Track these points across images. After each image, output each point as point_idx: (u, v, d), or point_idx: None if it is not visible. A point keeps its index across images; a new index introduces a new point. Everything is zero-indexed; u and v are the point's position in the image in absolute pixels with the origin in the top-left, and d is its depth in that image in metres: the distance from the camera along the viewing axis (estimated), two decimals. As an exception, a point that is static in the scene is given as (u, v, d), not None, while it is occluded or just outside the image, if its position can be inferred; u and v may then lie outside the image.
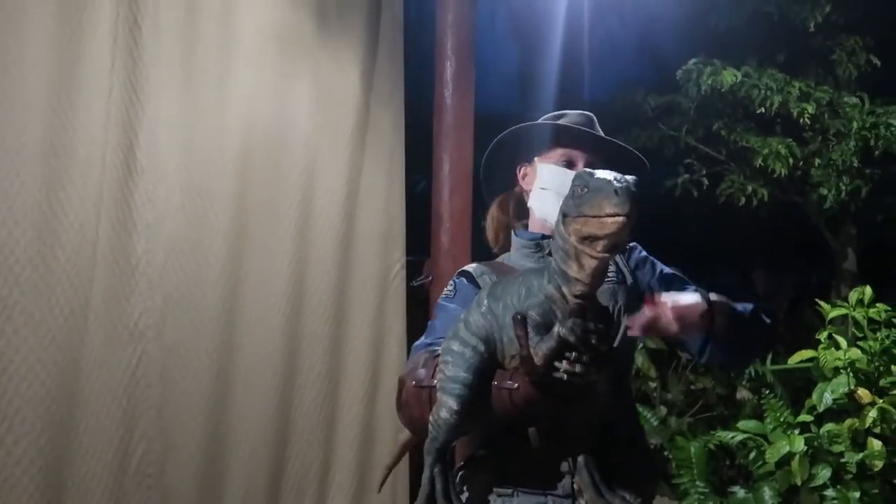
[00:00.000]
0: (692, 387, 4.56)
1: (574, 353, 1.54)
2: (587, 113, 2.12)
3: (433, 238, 3.44)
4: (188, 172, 2.87)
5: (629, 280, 2.00)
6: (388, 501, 3.35)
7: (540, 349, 1.56)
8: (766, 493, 3.66)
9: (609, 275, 1.94)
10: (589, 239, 1.48)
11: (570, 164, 2.01)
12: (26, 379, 2.47)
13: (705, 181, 5.85)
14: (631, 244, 2.06)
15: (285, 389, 3.10)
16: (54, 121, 2.55)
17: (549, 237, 1.97)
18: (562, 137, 2.05)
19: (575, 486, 1.80)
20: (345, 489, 3.25)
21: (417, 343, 2.01)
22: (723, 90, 5.28)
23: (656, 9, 6.04)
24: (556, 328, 1.54)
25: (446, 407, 1.70)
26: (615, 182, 1.46)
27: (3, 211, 2.44)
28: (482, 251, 2.19)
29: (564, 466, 1.83)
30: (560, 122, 2.08)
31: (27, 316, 2.48)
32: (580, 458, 1.77)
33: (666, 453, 4.09)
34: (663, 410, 4.38)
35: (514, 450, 1.84)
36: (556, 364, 1.55)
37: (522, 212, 2.15)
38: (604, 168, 1.94)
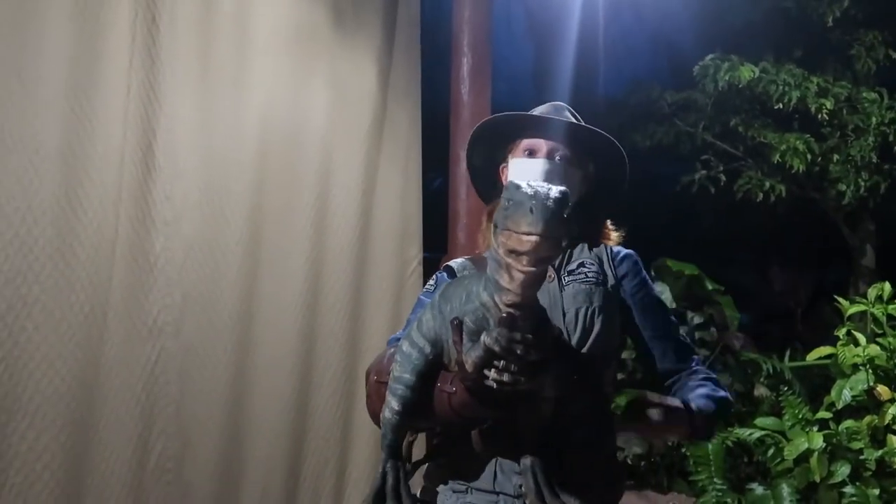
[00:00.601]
0: (709, 384, 4.53)
1: (502, 362, 1.53)
2: (558, 103, 2.09)
3: (450, 234, 3.44)
4: (206, 170, 2.88)
5: (611, 282, 1.97)
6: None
7: (469, 356, 1.56)
8: (785, 490, 3.65)
9: (588, 275, 1.94)
10: (514, 253, 1.45)
11: (532, 154, 1.99)
12: (47, 375, 2.49)
13: (722, 177, 5.84)
14: (626, 252, 2.03)
15: (302, 387, 3.11)
16: (73, 119, 2.57)
17: None
18: (521, 129, 2.03)
19: (521, 488, 1.78)
20: (361, 485, 3.26)
21: (392, 336, 2.02)
22: (740, 86, 5.27)
23: (672, 5, 6.02)
24: (483, 337, 1.53)
25: (389, 407, 1.72)
26: (533, 199, 1.41)
27: (22, 209, 2.45)
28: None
29: (516, 467, 1.81)
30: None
31: (47, 313, 2.50)
32: (525, 460, 1.74)
33: (683, 450, 4.08)
34: (681, 407, 4.36)
35: (466, 448, 1.84)
36: (486, 372, 1.54)
37: None
38: (567, 154, 1.95)
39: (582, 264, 1.96)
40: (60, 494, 2.51)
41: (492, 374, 1.54)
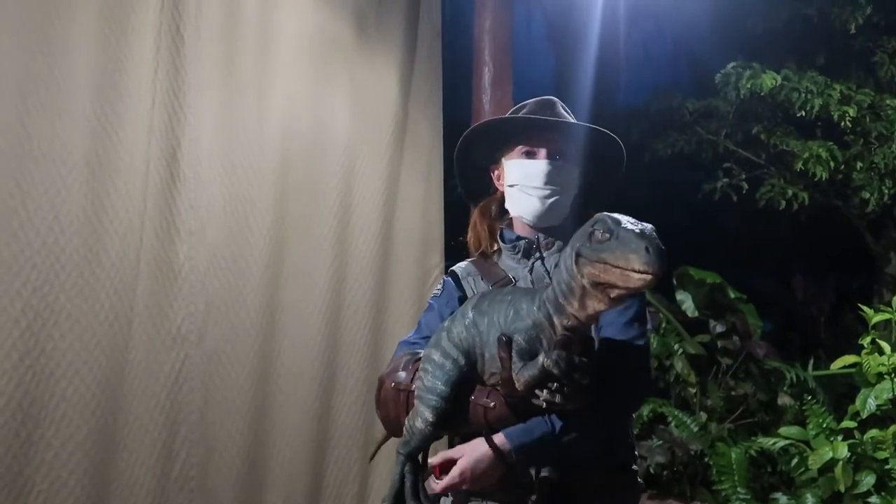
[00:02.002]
0: (732, 392, 4.52)
1: (556, 384, 1.55)
2: (547, 98, 2.07)
3: (471, 243, 3.45)
4: (229, 180, 2.90)
5: None
6: None
7: (522, 375, 1.57)
8: (809, 500, 3.62)
9: None
10: (605, 286, 1.46)
11: (530, 155, 1.97)
12: (73, 383, 2.51)
13: (745, 185, 5.80)
14: None
15: (325, 394, 3.13)
16: (99, 130, 2.60)
17: (523, 238, 1.97)
18: (517, 130, 2.01)
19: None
20: (384, 493, 3.25)
21: (403, 339, 2.02)
22: (762, 94, 5.24)
23: (694, 12, 6.01)
24: (541, 358, 1.54)
25: (422, 417, 1.72)
26: (644, 239, 1.43)
27: (49, 219, 2.48)
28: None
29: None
30: (516, 114, 2.04)
31: (73, 321, 2.52)
32: (542, 474, 1.74)
33: (706, 459, 4.06)
34: (703, 416, 4.35)
35: None
36: (537, 392, 1.56)
37: (505, 214, 2.09)
38: (565, 152, 1.93)
39: None
40: (86, 501, 2.53)
41: (544, 394, 1.56)
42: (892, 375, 3.61)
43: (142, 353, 2.69)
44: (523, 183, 1.95)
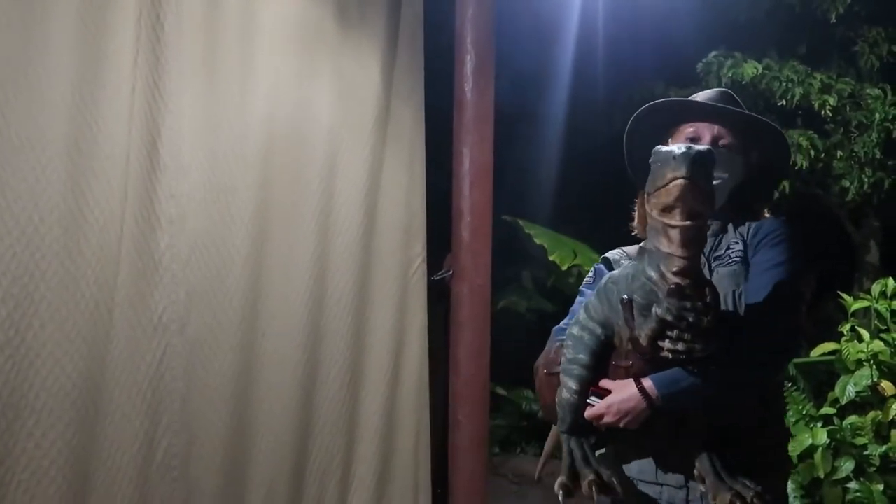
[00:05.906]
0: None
1: (675, 332, 1.61)
2: (723, 90, 2.10)
3: (453, 232, 3.45)
4: (210, 168, 2.89)
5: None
6: (409, 492, 3.37)
7: (643, 330, 1.65)
8: (789, 486, 3.65)
9: (732, 256, 1.92)
10: (666, 210, 1.55)
11: (694, 141, 1.96)
12: (53, 372, 2.50)
13: (726, 174, 5.82)
14: (761, 221, 1.98)
15: (307, 382, 3.12)
16: (78, 117, 2.57)
17: None
18: (683, 115, 2.02)
19: (696, 472, 1.80)
20: (367, 481, 3.27)
21: (557, 327, 2.09)
22: (743, 83, 5.28)
23: (676, 1, 6.02)
24: (654, 309, 1.62)
25: (567, 388, 1.83)
26: (676, 149, 1.52)
27: (28, 207, 2.46)
28: (503, 245, 2.19)
29: (679, 459, 1.85)
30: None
31: (53, 310, 2.50)
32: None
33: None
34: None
35: (635, 437, 1.87)
36: (660, 343, 1.64)
37: None
38: (731, 141, 1.96)
39: (728, 246, 1.96)
40: (67, 490, 2.52)
41: (666, 344, 1.64)
42: (871, 362, 3.64)
43: (123, 342, 2.68)
44: None
